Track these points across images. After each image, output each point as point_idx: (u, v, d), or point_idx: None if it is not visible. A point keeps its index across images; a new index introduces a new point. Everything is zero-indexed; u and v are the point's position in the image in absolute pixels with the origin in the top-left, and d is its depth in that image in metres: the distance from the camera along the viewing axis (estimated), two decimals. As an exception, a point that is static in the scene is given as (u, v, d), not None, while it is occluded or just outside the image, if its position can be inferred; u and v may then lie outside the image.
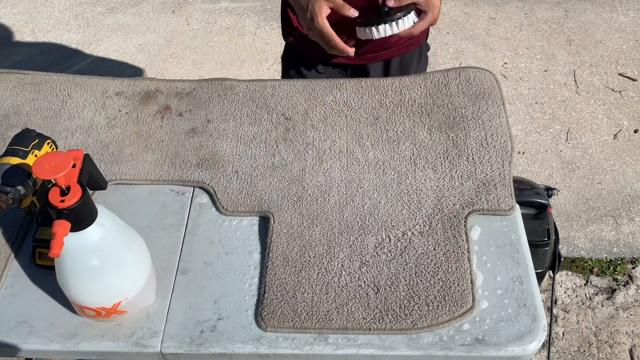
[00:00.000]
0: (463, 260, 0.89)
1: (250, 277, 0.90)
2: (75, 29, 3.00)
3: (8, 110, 1.16)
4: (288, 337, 0.83)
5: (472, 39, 2.79)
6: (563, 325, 1.80)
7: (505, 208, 0.95)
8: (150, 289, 0.87)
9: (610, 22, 2.82)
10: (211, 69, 2.74)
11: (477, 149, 1.03)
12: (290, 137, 1.08)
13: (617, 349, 1.74)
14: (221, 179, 1.02)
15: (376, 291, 0.86)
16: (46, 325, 0.86)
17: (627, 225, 2.03)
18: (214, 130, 1.11)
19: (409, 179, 1.00)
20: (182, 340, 0.84)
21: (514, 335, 0.81)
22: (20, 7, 3.17)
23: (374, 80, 1.17)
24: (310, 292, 0.87)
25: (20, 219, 0.99)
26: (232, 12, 3.06)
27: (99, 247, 0.76)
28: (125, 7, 3.12)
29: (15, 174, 0.83)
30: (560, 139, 2.32)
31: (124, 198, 1.02)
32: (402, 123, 1.09)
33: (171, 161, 1.06)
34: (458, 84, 1.15)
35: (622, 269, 1.92)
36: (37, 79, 1.22)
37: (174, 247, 0.95)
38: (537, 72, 2.60)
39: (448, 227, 0.93)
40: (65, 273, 0.78)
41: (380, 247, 0.91)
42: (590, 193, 2.13)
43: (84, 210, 0.73)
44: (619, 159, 2.23)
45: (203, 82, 1.20)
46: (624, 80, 2.54)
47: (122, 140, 1.10)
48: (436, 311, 0.84)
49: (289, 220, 0.96)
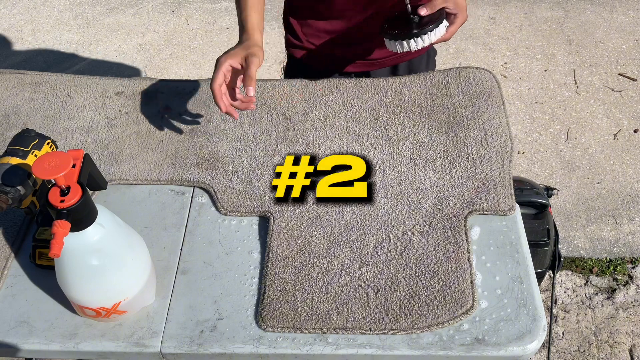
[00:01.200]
0: (463, 260, 0.89)
1: (250, 277, 0.90)
2: (75, 29, 3.00)
3: (8, 110, 1.16)
4: (288, 337, 0.83)
5: (472, 39, 2.79)
6: (563, 325, 1.80)
7: (505, 208, 0.95)
8: (150, 289, 0.87)
9: (610, 22, 2.82)
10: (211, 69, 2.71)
11: (477, 148, 1.03)
12: (290, 137, 1.08)
13: (617, 348, 1.74)
14: (221, 179, 1.02)
15: (376, 291, 0.86)
16: (46, 325, 0.86)
17: (627, 225, 2.03)
18: (214, 130, 1.11)
19: (409, 179, 1.00)
20: (182, 340, 0.84)
21: (514, 335, 0.81)
22: (20, 7, 3.16)
23: (374, 80, 1.17)
24: (310, 292, 0.87)
25: (20, 219, 0.99)
26: (232, 12, 3.06)
27: (98, 247, 0.76)
28: (125, 7, 3.12)
29: (15, 174, 0.83)
30: (560, 139, 2.32)
31: (124, 198, 1.02)
32: (402, 123, 1.09)
33: (171, 161, 1.06)
34: (458, 84, 1.15)
35: (622, 269, 1.92)
36: (37, 79, 1.22)
37: (174, 247, 0.95)
38: (537, 72, 2.60)
39: (448, 227, 0.93)
40: (65, 273, 0.78)
41: (380, 247, 0.91)
42: (590, 193, 2.13)
43: (83, 210, 0.73)
44: (618, 159, 2.23)
45: (203, 82, 1.20)
46: (624, 80, 2.54)
47: (122, 140, 1.10)
48: (436, 311, 0.84)
49: (289, 220, 0.96)
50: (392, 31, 1.03)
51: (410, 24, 1.01)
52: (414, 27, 1.01)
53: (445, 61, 2.68)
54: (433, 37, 1.01)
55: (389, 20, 1.06)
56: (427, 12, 1.00)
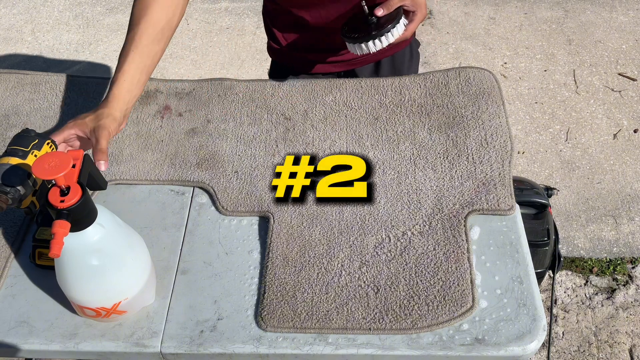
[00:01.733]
0: (463, 260, 0.89)
1: (250, 277, 0.90)
2: (75, 29, 3.00)
3: (8, 110, 1.16)
4: (288, 337, 0.83)
5: (472, 39, 2.79)
6: (563, 325, 1.80)
7: (505, 208, 0.95)
8: (150, 289, 0.87)
9: (610, 22, 2.82)
10: (211, 69, 2.73)
11: (477, 148, 1.03)
12: (290, 137, 1.08)
13: (617, 348, 1.74)
14: (221, 179, 1.02)
15: (376, 291, 0.86)
16: (46, 325, 0.86)
17: (627, 225, 2.03)
18: (214, 130, 1.11)
19: (409, 179, 1.00)
20: (182, 340, 0.84)
21: (514, 335, 0.81)
22: (20, 7, 3.16)
23: (373, 80, 1.17)
24: (310, 292, 0.87)
25: (20, 219, 0.99)
26: (232, 12, 3.06)
27: (98, 247, 0.76)
28: (125, 7, 3.12)
29: (15, 174, 0.83)
30: (560, 139, 2.32)
31: (124, 198, 1.02)
32: (402, 123, 1.09)
33: (171, 161, 1.06)
34: (458, 84, 1.15)
35: (622, 269, 1.92)
36: (36, 79, 1.22)
37: (174, 247, 0.95)
38: (537, 72, 2.60)
39: (448, 227, 0.93)
40: (65, 273, 0.78)
41: (380, 247, 0.91)
42: (590, 193, 2.13)
43: (83, 211, 0.73)
44: (618, 159, 2.23)
45: (203, 82, 1.20)
46: (624, 80, 2.54)
47: (122, 140, 1.10)
48: (436, 311, 0.84)
49: (289, 220, 0.96)
50: (351, 34, 1.03)
51: (368, 26, 1.01)
52: (372, 28, 1.00)
53: (445, 61, 2.68)
54: (391, 38, 1.01)
55: (349, 22, 1.06)
56: (383, 12, 0.99)
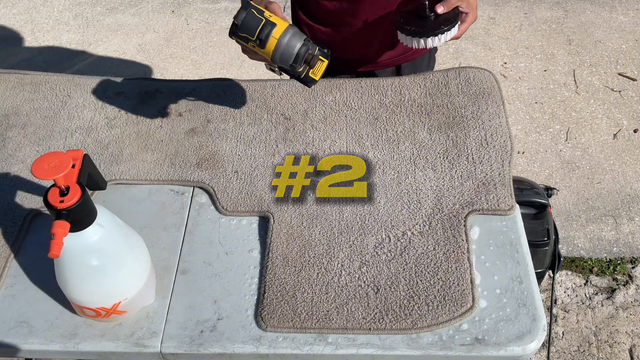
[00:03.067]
0: (463, 260, 0.89)
1: (250, 277, 0.90)
2: (75, 29, 3.00)
3: (8, 110, 1.16)
4: (288, 337, 0.83)
5: (472, 39, 2.79)
6: (563, 325, 1.80)
7: (505, 208, 0.95)
8: (150, 289, 0.87)
9: (610, 22, 2.82)
10: (211, 69, 2.73)
11: (477, 148, 1.03)
12: (290, 137, 1.08)
13: (617, 348, 1.74)
14: (221, 179, 1.02)
15: (376, 291, 0.86)
16: (46, 325, 0.86)
17: (627, 225, 2.03)
18: (213, 130, 1.11)
19: (409, 179, 1.00)
20: (182, 340, 0.84)
21: (514, 335, 0.81)
22: (20, 7, 3.16)
23: (373, 80, 1.17)
24: (310, 292, 0.87)
25: (20, 219, 0.99)
26: (232, 12, 3.06)
27: (98, 247, 0.76)
28: (124, 7, 3.12)
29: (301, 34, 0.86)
30: (560, 139, 2.32)
31: (124, 198, 1.02)
32: (402, 123, 1.09)
33: (171, 161, 1.06)
34: (458, 84, 1.15)
35: (622, 269, 1.92)
36: (36, 79, 1.22)
37: (174, 247, 0.95)
38: (537, 72, 2.60)
39: (448, 227, 0.93)
40: (64, 273, 0.78)
41: (380, 247, 0.91)
42: (590, 193, 2.13)
43: (83, 211, 0.73)
44: (618, 159, 2.23)
45: (203, 82, 1.20)
46: (624, 80, 2.54)
47: (122, 140, 1.10)
48: (436, 311, 0.83)
49: (288, 220, 0.96)
50: (408, 26, 1.03)
51: (426, 21, 1.01)
52: (432, 24, 1.01)
53: (445, 61, 2.68)
54: (448, 36, 1.02)
55: (404, 15, 1.05)
56: (444, 10, 1.00)
